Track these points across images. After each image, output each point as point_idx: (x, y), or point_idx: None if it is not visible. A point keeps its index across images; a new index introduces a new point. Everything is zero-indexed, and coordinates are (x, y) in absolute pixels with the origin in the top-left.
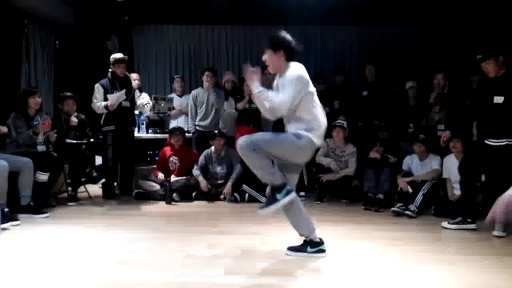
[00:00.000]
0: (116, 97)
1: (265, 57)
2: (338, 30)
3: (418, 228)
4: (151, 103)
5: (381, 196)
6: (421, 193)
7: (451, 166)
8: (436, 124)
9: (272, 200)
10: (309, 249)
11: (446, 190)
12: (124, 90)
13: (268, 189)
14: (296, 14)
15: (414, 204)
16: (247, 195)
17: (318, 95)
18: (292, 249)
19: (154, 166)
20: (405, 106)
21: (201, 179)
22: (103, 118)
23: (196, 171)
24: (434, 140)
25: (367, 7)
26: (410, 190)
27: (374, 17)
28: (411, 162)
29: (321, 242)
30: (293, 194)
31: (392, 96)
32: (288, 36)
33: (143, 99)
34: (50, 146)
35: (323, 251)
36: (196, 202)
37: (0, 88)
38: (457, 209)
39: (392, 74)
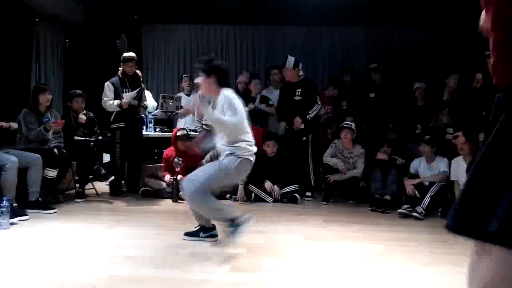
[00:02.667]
0: (130, 96)
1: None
2: (346, 30)
3: (424, 230)
4: (149, 101)
5: (388, 197)
6: (428, 195)
7: (459, 168)
8: (444, 127)
9: (231, 231)
10: (201, 234)
11: (454, 193)
12: (137, 90)
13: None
14: (304, 14)
15: (421, 206)
16: (253, 194)
17: (332, 99)
18: (188, 234)
19: (161, 165)
20: (413, 107)
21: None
22: (113, 115)
23: None
24: (443, 143)
25: (375, 8)
26: (418, 195)
27: (382, 18)
28: (418, 165)
29: (213, 227)
30: (246, 220)
31: (400, 97)
32: (222, 63)
33: (146, 97)
34: (61, 142)
35: (215, 236)
36: None
37: (10, 85)
38: None
39: (400, 76)
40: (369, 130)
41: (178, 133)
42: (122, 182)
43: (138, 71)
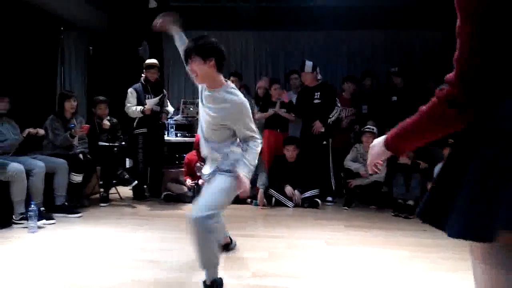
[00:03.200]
0: (153, 102)
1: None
2: (365, 34)
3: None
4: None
5: (411, 202)
6: None
7: None
8: None
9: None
10: None
11: None
12: (160, 96)
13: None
14: (322, 19)
15: None
16: (273, 199)
17: (353, 101)
18: None
19: (182, 169)
20: None
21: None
22: (136, 121)
23: None
24: None
25: (393, 11)
26: None
27: (401, 21)
28: None
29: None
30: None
31: (422, 100)
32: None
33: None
34: (86, 147)
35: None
36: None
37: (37, 92)
38: None
39: (421, 78)
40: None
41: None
42: (145, 186)
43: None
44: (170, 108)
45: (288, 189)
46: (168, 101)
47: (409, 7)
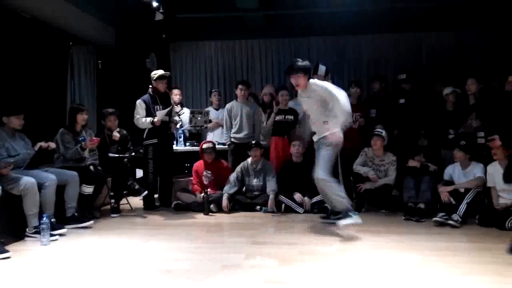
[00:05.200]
0: (162, 114)
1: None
2: (372, 39)
3: (462, 238)
4: (185, 115)
5: (422, 205)
6: (465, 201)
7: (496, 173)
8: (474, 132)
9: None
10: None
11: (491, 199)
12: (170, 107)
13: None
14: (328, 25)
15: (457, 213)
16: (283, 205)
17: (363, 107)
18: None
19: (191, 179)
20: (444, 112)
21: (225, 197)
22: (146, 132)
23: (226, 188)
24: (475, 148)
25: (400, 15)
26: (453, 202)
27: (408, 24)
28: (453, 171)
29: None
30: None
31: (430, 102)
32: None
33: (185, 114)
34: (96, 159)
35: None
36: (233, 213)
37: (48, 106)
38: (502, 218)
39: (429, 81)
40: (400, 137)
41: (204, 146)
42: (155, 196)
43: (176, 90)
44: (185, 117)
45: (298, 196)
46: (184, 109)
47: (415, 9)
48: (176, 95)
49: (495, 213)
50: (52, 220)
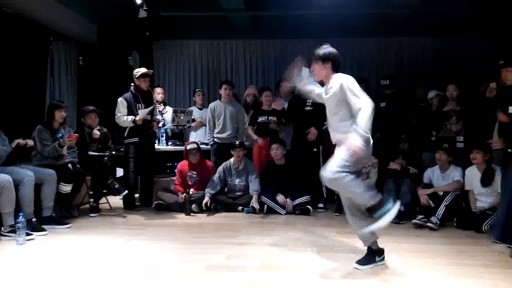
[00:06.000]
0: (145, 112)
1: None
2: (356, 42)
3: (440, 241)
4: (168, 114)
5: (402, 208)
6: (443, 204)
7: (473, 177)
8: (454, 136)
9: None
10: (377, 258)
11: (469, 202)
12: (152, 106)
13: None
14: (313, 27)
15: (436, 216)
16: (265, 206)
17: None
18: (360, 262)
19: (173, 178)
20: (428, 114)
21: (206, 196)
22: (127, 130)
23: (207, 189)
24: (454, 152)
25: (384, 20)
26: (432, 205)
27: (391, 29)
28: (432, 174)
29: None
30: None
31: (412, 106)
32: (334, 50)
33: (168, 113)
34: (75, 157)
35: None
36: (215, 214)
37: (26, 103)
38: (479, 221)
39: (411, 85)
40: (381, 140)
41: (188, 147)
42: (136, 196)
43: (159, 88)
44: (168, 116)
45: (280, 197)
46: (166, 108)
47: (398, 15)
48: (158, 93)
49: (472, 216)
50: (33, 219)
